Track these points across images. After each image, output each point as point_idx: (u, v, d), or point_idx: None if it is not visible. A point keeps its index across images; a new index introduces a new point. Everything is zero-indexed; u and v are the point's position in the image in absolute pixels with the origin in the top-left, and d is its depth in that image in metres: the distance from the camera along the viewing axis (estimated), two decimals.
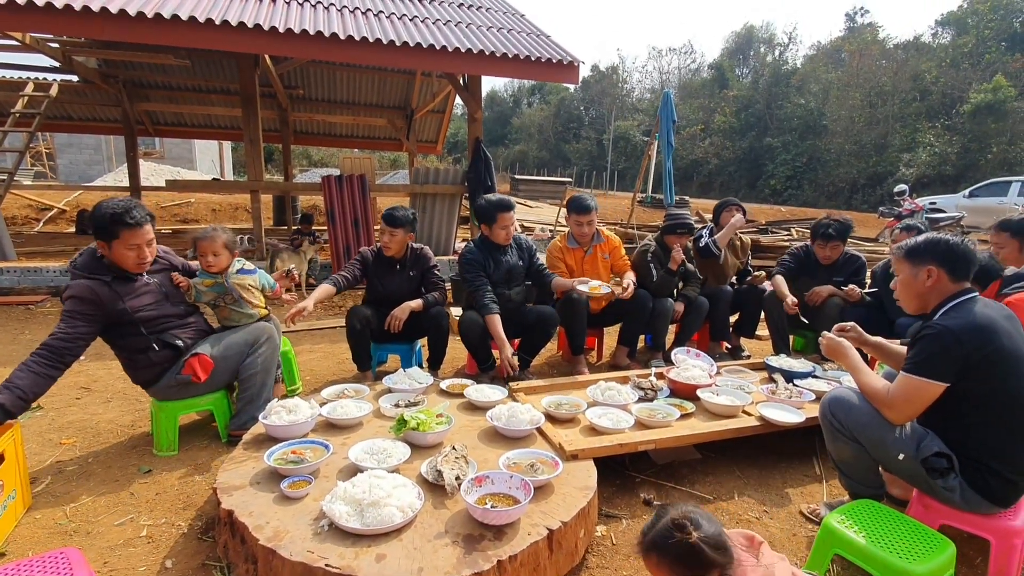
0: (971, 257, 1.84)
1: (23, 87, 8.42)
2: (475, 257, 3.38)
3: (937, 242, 1.87)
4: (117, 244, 2.35)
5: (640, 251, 3.94)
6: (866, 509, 1.86)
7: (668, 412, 2.58)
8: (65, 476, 2.38)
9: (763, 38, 43.55)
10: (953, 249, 1.84)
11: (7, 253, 5.87)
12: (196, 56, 8.00)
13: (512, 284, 3.50)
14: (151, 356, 2.49)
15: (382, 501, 1.68)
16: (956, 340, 1.70)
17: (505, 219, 3.39)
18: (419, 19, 6.29)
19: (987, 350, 1.69)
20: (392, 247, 3.33)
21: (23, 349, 4.01)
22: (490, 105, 58.33)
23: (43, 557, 1.41)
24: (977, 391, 1.74)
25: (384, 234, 3.31)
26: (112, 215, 2.32)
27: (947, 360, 1.72)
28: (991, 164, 22.42)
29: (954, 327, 1.72)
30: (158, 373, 2.52)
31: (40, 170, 17.42)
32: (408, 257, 3.43)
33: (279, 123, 10.73)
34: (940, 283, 1.85)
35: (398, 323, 3.18)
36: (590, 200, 3.72)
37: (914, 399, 1.79)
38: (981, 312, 1.75)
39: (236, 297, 2.79)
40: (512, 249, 3.53)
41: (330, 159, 33.26)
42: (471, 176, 6.68)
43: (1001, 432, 1.75)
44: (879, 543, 1.70)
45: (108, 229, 2.32)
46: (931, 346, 1.74)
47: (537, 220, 12.27)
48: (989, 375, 1.72)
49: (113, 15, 4.64)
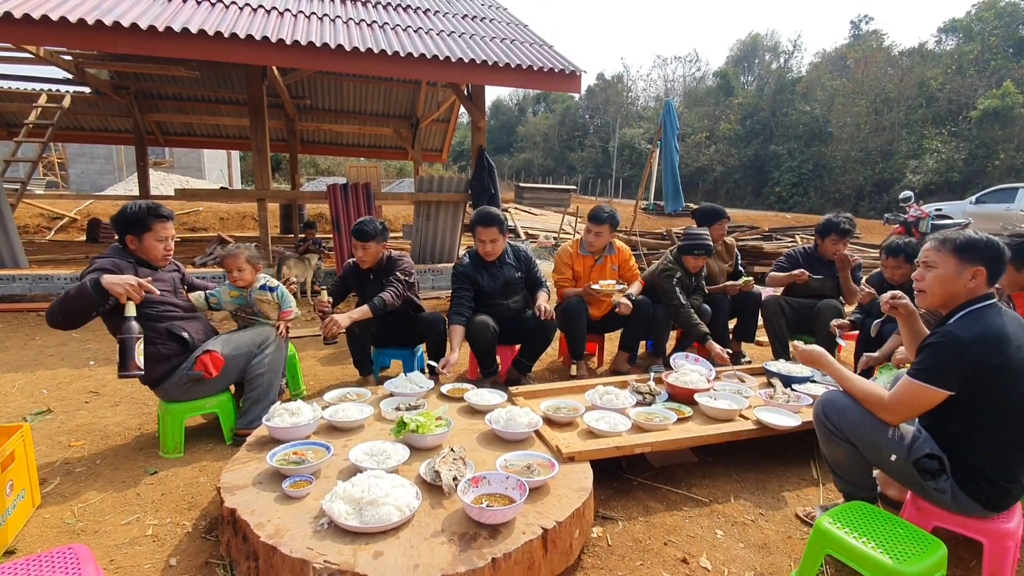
0: (1006, 263, 1.84)
1: (36, 98, 8.63)
2: (464, 269, 3.42)
3: (993, 245, 1.80)
4: (148, 236, 2.57)
5: (665, 275, 3.73)
6: (858, 511, 1.88)
7: (665, 416, 2.60)
8: (74, 477, 2.44)
9: (768, 46, 43.70)
10: (1003, 255, 1.80)
11: (19, 261, 5.99)
12: (205, 68, 8.16)
13: (510, 295, 3.50)
14: (160, 349, 2.56)
15: (380, 500, 1.72)
16: (965, 350, 1.68)
17: (483, 233, 3.36)
18: (423, 30, 6.40)
19: (995, 362, 1.67)
20: (367, 260, 3.35)
21: (34, 354, 4.10)
22: (495, 114, 58.72)
23: (52, 553, 1.46)
24: (980, 399, 1.73)
25: (357, 249, 3.33)
26: (148, 207, 2.58)
27: (954, 369, 1.70)
28: (999, 170, 22.33)
29: (966, 337, 1.69)
30: (168, 369, 2.59)
31: (52, 180, 17.72)
32: (383, 266, 3.44)
33: (286, 133, 10.90)
34: (978, 286, 1.81)
35: (337, 328, 2.99)
36: (604, 212, 3.70)
37: (914, 404, 1.79)
38: (995, 322, 1.72)
39: (256, 311, 2.96)
40: (509, 261, 3.53)
41: (337, 168, 33.55)
42: (475, 184, 6.76)
43: (1000, 441, 1.75)
44: (870, 543, 1.71)
45: (143, 221, 2.55)
46: (940, 354, 1.73)
47: (542, 228, 12.35)
48: (994, 385, 1.71)
49: (126, 29, 4.77)
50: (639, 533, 2.13)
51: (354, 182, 6.39)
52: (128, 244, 2.58)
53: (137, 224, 2.55)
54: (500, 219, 3.40)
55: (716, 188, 35.23)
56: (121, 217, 2.56)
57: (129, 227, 2.56)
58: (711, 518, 2.25)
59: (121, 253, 2.57)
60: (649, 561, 1.98)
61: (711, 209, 4.20)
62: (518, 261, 3.57)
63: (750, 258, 8.33)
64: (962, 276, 1.81)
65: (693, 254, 3.70)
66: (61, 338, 4.53)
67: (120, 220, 2.57)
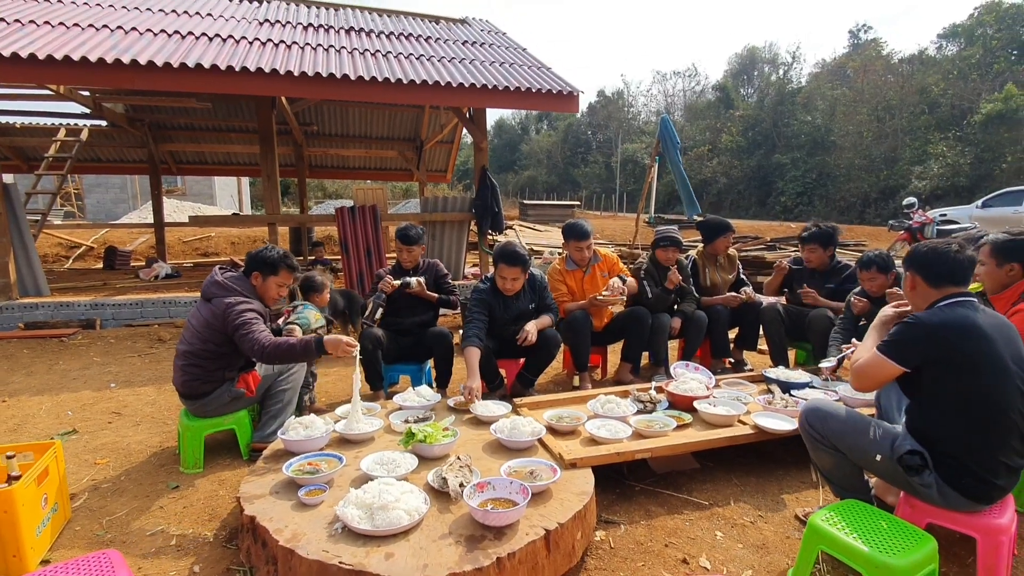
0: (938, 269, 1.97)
1: (56, 133, 8.96)
2: (483, 295, 3.46)
3: (914, 256, 2.00)
4: (273, 279, 2.88)
5: (633, 269, 4.09)
6: (851, 508, 1.94)
7: (665, 423, 2.69)
8: (100, 492, 2.56)
9: (766, 58, 44.07)
10: (929, 262, 1.97)
11: (42, 289, 6.20)
12: (217, 99, 8.44)
13: (519, 322, 3.49)
14: (226, 372, 2.79)
15: (391, 505, 1.82)
16: (930, 332, 1.84)
17: (506, 271, 3.38)
18: (425, 57, 6.63)
19: (960, 348, 1.79)
20: (410, 261, 3.77)
21: (59, 378, 4.26)
22: (499, 133, 59.45)
23: (87, 558, 1.57)
24: (946, 389, 1.84)
25: (401, 252, 3.74)
26: (283, 255, 2.91)
27: (914, 348, 1.87)
28: (1007, 173, 22.17)
29: (933, 322, 1.85)
30: (216, 386, 2.78)
31: (69, 210, 18.21)
32: (421, 266, 3.83)
33: (295, 158, 11.17)
34: (927, 293, 1.96)
35: (421, 287, 3.58)
36: (586, 227, 3.87)
37: (872, 375, 1.96)
38: (965, 313, 1.83)
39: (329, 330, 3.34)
40: (524, 293, 3.54)
41: (344, 190, 34.09)
42: (478, 203, 6.92)
43: (967, 431, 1.83)
44: (861, 539, 1.77)
45: (275, 265, 2.87)
46: (905, 332, 1.90)
47: (547, 244, 12.47)
48: (961, 375, 1.80)
49: (143, 66, 5.02)
50: (641, 536, 2.20)
51: (361, 204, 6.57)
52: (252, 280, 2.86)
53: (269, 266, 2.85)
54: (525, 259, 3.42)
55: (720, 200, 35.30)
56: (260, 256, 2.87)
57: (262, 266, 2.85)
58: (711, 520, 2.32)
59: (247, 287, 2.83)
60: (650, 562, 2.05)
61: (716, 223, 4.30)
62: (533, 292, 3.59)
63: (753, 268, 8.39)
64: (916, 288, 2.01)
65: (661, 246, 4.04)
66: (83, 362, 4.69)
67: (259, 258, 2.87)
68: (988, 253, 2.45)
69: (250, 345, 2.61)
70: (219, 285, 2.76)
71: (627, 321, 3.87)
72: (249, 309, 2.70)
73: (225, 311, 2.66)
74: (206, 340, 2.70)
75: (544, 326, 3.46)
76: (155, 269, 8.20)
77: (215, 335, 2.69)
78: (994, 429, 1.81)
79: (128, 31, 5.71)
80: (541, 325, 3.44)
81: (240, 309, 2.67)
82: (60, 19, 5.70)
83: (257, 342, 2.60)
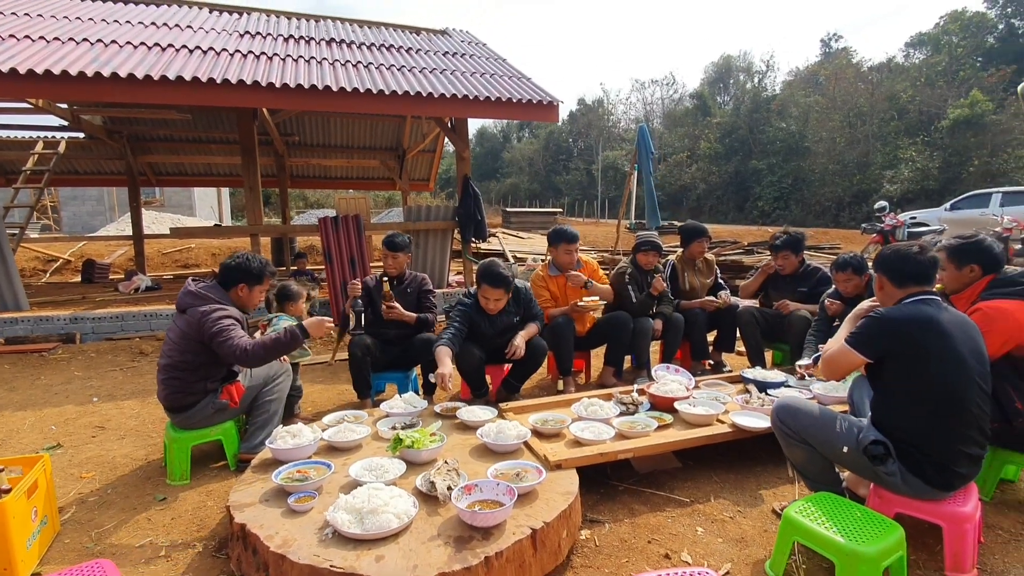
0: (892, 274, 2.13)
1: (33, 146, 8.83)
2: (466, 308, 3.43)
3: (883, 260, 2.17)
4: (258, 289, 2.93)
5: (617, 273, 4.18)
6: (824, 501, 2.03)
7: (647, 424, 2.76)
8: (88, 506, 2.55)
9: (741, 67, 45.09)
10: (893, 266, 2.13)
11: (21, 304, 6.10)
12: (197, 110, 8.40)
13: (507, 335, 3.49)
14: (208, 384, 2.78)
15: (380, 509, 1.86)
16: (892, 325, 1.99)
17: (489, 292, 3.34)
18: (406, 68, 6.70)
19: (919, 339, 1.92)
20: (396, 268, 3.76)
21: (41, 393, 4.21)
22: (480, 141, 59.70)
23: (82, 567, 1.59)
24: (900, 378, 1.97)
25: (387, 258, 3.75)
26: (265, 263, 2.94)
27: (876, 340, 2.02)
28: (973, 176, 22.95)
29: (895, 316, 2.00)
30: (199, 398, 2.77)
31: (46, 223, 17.85)
32: (406, 277, 3.81)
33: (276, 168, 11.13)
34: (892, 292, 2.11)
35: (399, 314, 3.59)
36: (574, 232, 4.00)
37: (840, 362, 2.11)
38: (927, 309, 1.96)
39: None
40: (509, 309, 3.52)
41: (326, 200, 33.89)
42: (461, 212, 6.99)
43: (921, 419, 1.94)
44: (832, 529, 1.87)
45: (260, 275, 2.90)
46: (869, 326, 2.05)
47: (530, 250, 12.58)
48: (917, 367, 1.92)
49: (123, 79, 5.01)
50: (625, 534, 2.27)
51: (344, 214, 6.59)
52: (238, 291, 2.87)
53: (255, 277, 2.88)
54: (508, 281, 3.37)
55: (700, 205, 35.90)
56: (244, 267, 2.86)
57: (248, 277, 2.86)
58: (692, 517, 2.40)
59: (226, 298, 2.81)
60: (634, 559, 2.12)
61: (692, 228, 4.54)
62: (518, 305, 3.57)
63: (731, 272, 8.57)
64: (884, 288, 2.17)
65: (641, 250, 4.16)
66: (65, 376, 4.64)
67: (242, 270, 2.86)
68: (945, 258, 2.59)
69: (230, 350, 2.60)
70: (193, 295, 2.75)
71: (609, 326, 3.96)
72: (225, 316, 2.69)
73: (200, 320, 2.65)
74: (184, 352, 2.70)
75: (531, 335, 3.50)
76: (135, 282, 8.09)
77: (193, 345, 2.69)
78: (954, 421, 1.92)
79: (108, 44, 5.69)
80: (528, 335, 3.47)
81: (216, 316, 2.66)
82: (40, 33, 5.66)
83: (238, 346, 2.59)
